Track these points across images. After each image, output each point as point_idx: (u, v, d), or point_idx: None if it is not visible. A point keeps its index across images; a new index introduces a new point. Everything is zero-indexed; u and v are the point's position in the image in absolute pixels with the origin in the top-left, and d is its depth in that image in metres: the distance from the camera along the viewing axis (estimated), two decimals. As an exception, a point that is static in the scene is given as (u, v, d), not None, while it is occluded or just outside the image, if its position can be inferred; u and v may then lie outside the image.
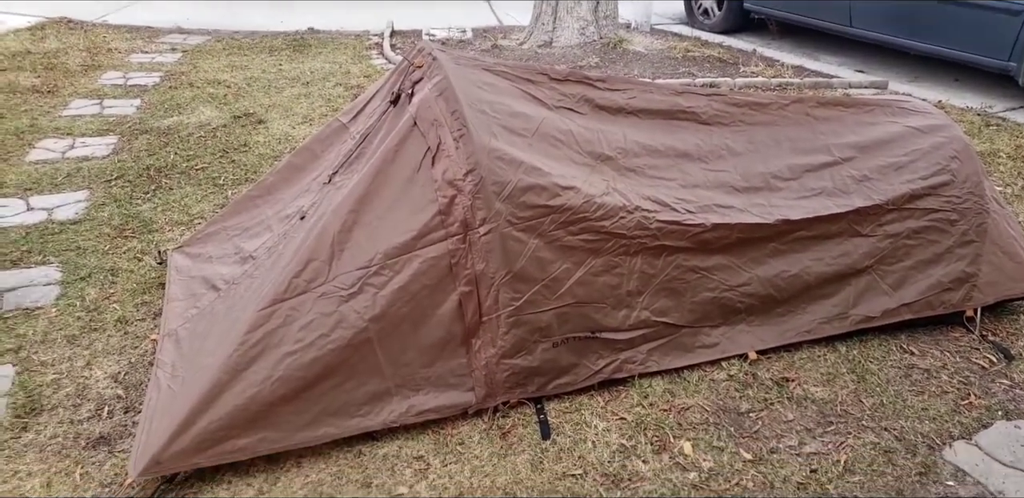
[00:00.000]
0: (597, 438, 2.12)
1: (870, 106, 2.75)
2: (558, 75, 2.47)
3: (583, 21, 6.18)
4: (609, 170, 2.31)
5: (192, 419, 1.90)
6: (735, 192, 2.43)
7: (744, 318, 2.44)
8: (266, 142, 4.20)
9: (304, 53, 6.15)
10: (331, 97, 5.00)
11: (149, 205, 3.45)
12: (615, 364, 2.28)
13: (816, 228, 2.45)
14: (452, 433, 2.13)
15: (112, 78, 5.38)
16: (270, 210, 2.66)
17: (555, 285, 2.16)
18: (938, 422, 2.23)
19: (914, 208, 2.53)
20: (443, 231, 2.10)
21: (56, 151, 4.07)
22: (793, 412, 2.26)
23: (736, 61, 6.07)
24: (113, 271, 2.91)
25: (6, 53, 5.74)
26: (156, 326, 2.56)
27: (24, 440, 2.09)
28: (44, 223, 3.28)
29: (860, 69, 6.15)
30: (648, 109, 2.51)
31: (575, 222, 2.16)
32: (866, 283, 2.53)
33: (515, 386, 2.18)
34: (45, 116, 4.57)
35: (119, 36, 6.52)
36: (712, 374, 2.38)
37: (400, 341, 2.09)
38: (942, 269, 2.56)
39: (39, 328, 2.57)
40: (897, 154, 2.60)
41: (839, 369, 2.44)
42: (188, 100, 4.91)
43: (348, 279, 2.05)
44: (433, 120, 2.16)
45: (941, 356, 2.53)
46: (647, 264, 2.27)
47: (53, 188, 3.62)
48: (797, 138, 2.61)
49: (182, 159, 3.95)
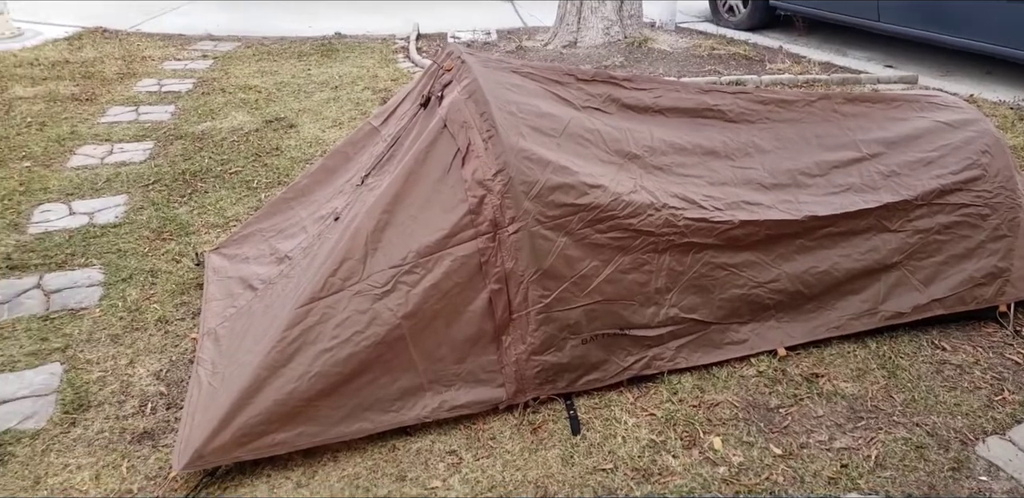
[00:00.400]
0: (627, 433, 2.15)
1: (898, 101, 2.74)
2: (585, 75, 2.50)
3: (608, 21, 6.19)
4: (636, 168, 2.33)
5: (233, 414, 1.96)
6: (763, 189, 2.44)
7: (773, 314, 2.45)
8: (297, 146, 4.28)
9: (332, 58, 6.24)
10: (360, 101, 5.08)
11: (185, 208, 3.53)
12: (644, 361, 2.31)
13: (844, 224, 2.45)
14: (483, 428, 2.17)
15: (147, 85, 5.51)
16: (304, 212, 2.72)
17: (584, 282, 2.19)
18: (971, 418, 2.23)
19: (944, 203, 2.52)
20: (473, 230, 2.14)
21: (96, 157, 4.18)
22: (823, 408, 2.27)
23: (762, 58, 6.05)
24: (153, 272, 2.99)
25: (46, 63, 5.90)
26: (195, 325, 2.63)
27: (73, 435, 2.16)
28: (86, 227, 3.38)
29: (889, 64, 6.09)
30: (675, 107, 2.53)
31: (603, 220, 2.19)
32: (896, 279, 2.52)
33: (545, 382, 2.21)
34: (84, 123, 4.69)
35: (152, 44, 6.66)
36: (741, 370, 2.40)
37: (432, 338, 2.13)
38: (974, 264, 2.55)
39: (84, 328, 2.65)
40: (926, 149, 2.59)
41: (869, 365, 2.44)
42: (220, 105, 5.01)
43: (382, 277, 2.10)
44: (463, 122, 2.21)
45: (974, 352, 2.51)
46: (675, 261, 2.29)
47: (94, 193, 3.72)
48: (824, 134, 2.61)
49: (216, 163, 4.04)
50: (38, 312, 2.75)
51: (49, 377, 2.40)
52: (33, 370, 2.43)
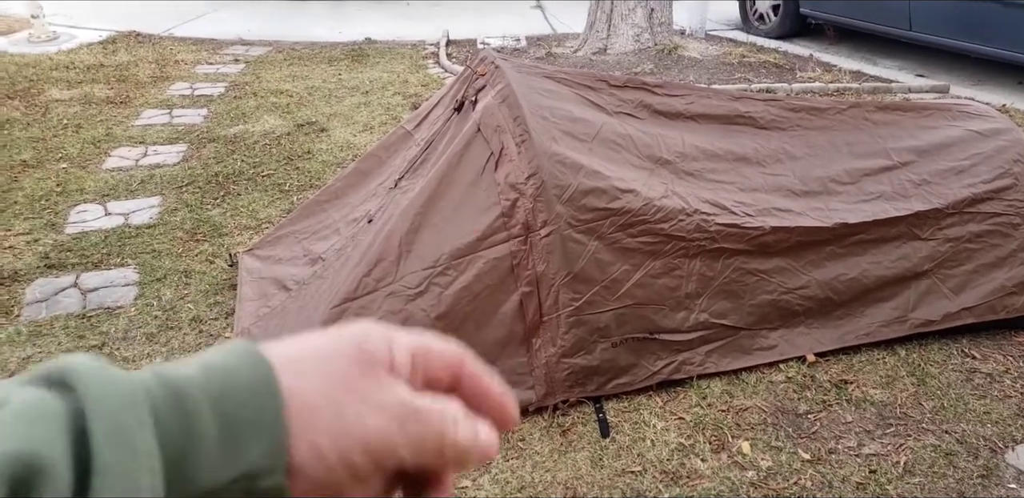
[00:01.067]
0: (656, 437, 2.16)
1: (929, 110, 2.74)
2: (617, 81, 2.52)
3: (638, 28, 6.21)
4: (668, 173, 2.35)
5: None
6: (793, 196, 2.45)
7: (802, 321, 2.45)
8: (328, 149, 4.34)
9: (362, 63, 6.31)
10: (390, 106, 5.13)
11: (219, 210, 3.59)
12: (673, 365, 2.32)
13: (875, 231, 2.46)
14: (513, 430, 2.19)
15: (180, 89, 5.60)
16: (337, 214, 2.76)
17: (614, 286, 2.21)
18: (1000, 426, 2.22)
19: (976, 212, 2.52)
20: (505, 233, 2.17)
21: (130, 159, 4.26)
22: (852, 414, 2.27)
23: (793, 67, 6.04)
24: (187, 273, 3.05)
25: (81, 66, 6.01)
26: (229, 325, 2.68)
27: (110, 430, 2.21)
28: (121, 227, 3.44)
29: (920, 73, 6.06)
30: (706, 114, 2.54)
31: (634, 224, 2.21)
32: (926, 287, 2.52)
33: (574, 385, 2.23)
34: (119, 126, 4.78)
35: (185, 48, 6.77)
36: (770, 376, 2.40)
37: (464, 339, 2.10)
38: (1005, 273, 2.54)
39: (120, 326, 2.71)
40: (958, 158, 2.59)
41: (898, 372, 2.43)
42: (252, 109, 5.08)
43: (415, 279, 2.13)
44: (496, 126, 2.24)
45: (1004, 360, 2.50)
46: (706, 266, 2.31)
47: (129, 194, 3.79)
48: (855, 142, 2.61)
49: (248, 166, 4.11)
50: (75, 310, 2.81)
51: (87, 373, 2.46)
52: (71, 366, 2.49)
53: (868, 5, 6.25)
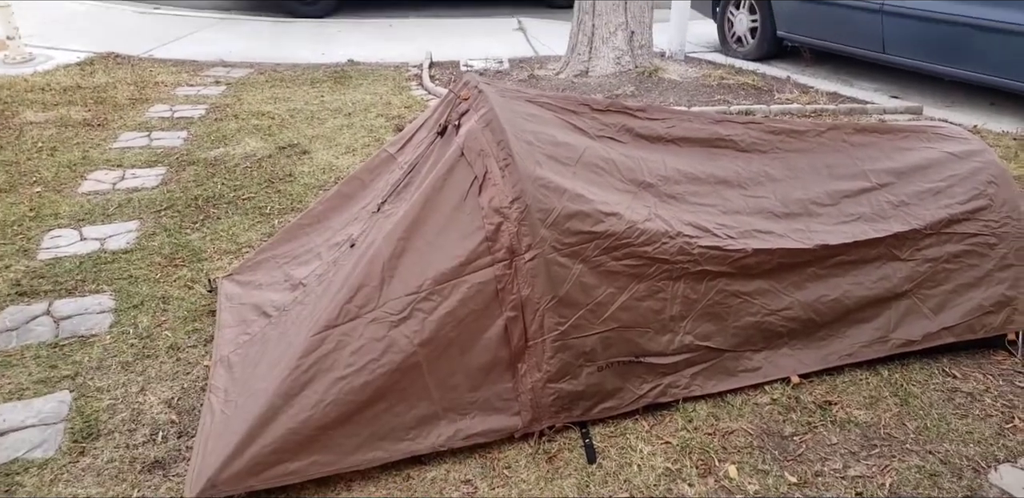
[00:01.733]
0: (643, 462, 2.14)
1: (906, 132, 2.78)
2: (599, 105, 2.54)
3: (618, 51, 6.27)
4: (651, 197, 2.36)
5: (246, 443, 1.96)
6: (775, 218, 2.46)
7: (786, 342, 2.46)
8: (311, 172, 4.32)
9: (345, 85, 6.31)
10: (373, 128, 5.13)
11: (198, 234, 3.56)
12: (659, 388, 2.31)
13: (855, 253, 2.47)
14: (499, 457, 2.17)
15: (159, 111, 5.57)
16: (319, 238, 2.74)
17: (599, 310, 2.20)
18: (983, 445, 2.22)
19: (952, 232, 2.55)
20: (490, 257, 2.16)
21: (107, 182, 4.22)
22: (837, 435, 2.26)
23: (771, 88, 6.12)
24: (165, 299, 3.01)
25: (57, 88, 5.96)
26: (208, 352, 2.63)
27: (82, 464, 2.16)
28: (97, 252, 3.39)
29: (895, 95, 6.16)
30: (687, 137, 2.56)
31: (618, 248, 2.21)
32: (906, 307, 2.54)
33: (561, 410, 2.21)
34: (96, 148, 4.74)
35: (165, 70, 6.74)
36: (755, 398, 2.40)
37: (448, 365, 2.14)
38: (982, 293, 2.56)
39: (94, 355, 2.65)
40: (934, 179, 2.62)
41: (882, 392, 2.44)
42: (233, 131, 5.06)
43: (398, 304, 2.11)
44: (480, 150, 2.24)
45: (984, 379, 2.52)
46: (689, 289, 2.31)
47: (105, 218, 3.75)
48: (835, 164, 2.64)
49: (229, 189, 4.08)
50: (47, 339, 2.75)
51: (58, 405, 2.40)
52: (42, 398, 2.43)
53: (843, 28, 6.36)
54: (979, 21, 5.26)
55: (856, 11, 6.14)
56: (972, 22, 5.31)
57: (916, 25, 5.71)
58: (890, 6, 5.85)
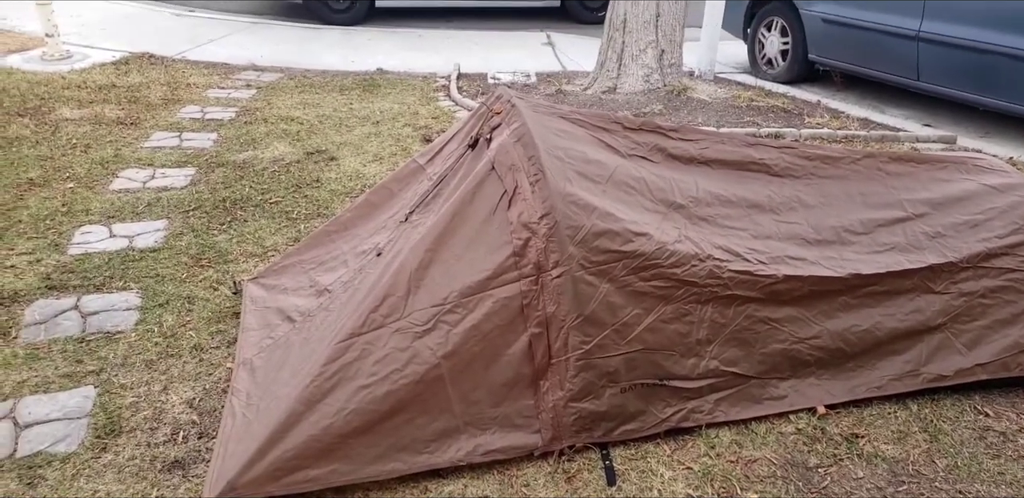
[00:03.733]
0: (663, 487, 2.11)
1: (944, 163, 2.75)
2: (631, 124, 2.53)
3: (648, 68, 6.27)
4: (681, 218, 2.34)
5: (267, 447, 1.95)
6: (807, 244, 2.43)
7: (813, 371, 2.42)
8: (338, 179, 4.33)
9: (373, 93, 6.35)
10: (400, 137, 5.15)
11: (225, 236, 3.57)
12: (682, 413, 2.28)
13: (888, 283, 2.43)
14: (517, 474, 2.14)
15: (191, 112, 5.62)
16: (346, 245, 2.74)
17: (625, 330, 2.18)
18: (1015, 487, 2.17)
19: (990, 267, 2.50)
20: (516, 272, 2.14)
21: (138, 181, 4.25)
22: (863, 470, 2.22)
23: (801, 112, 6.08)
24: (190, 299, 3.01)
25: (93, 86, 6.03)
26: (231, 354, 2.63)
27: (104, 460, 2.16)
28: (125, 250, 3.41)
29: (927, 123, 6.10)
30: (720, 159, 2.54)
31: (647, 268, 2.19)
32: (939, 341, 2.49)
33: (581, 430, 2.19)
34: (128, 147, 4.78)
35: (197, 71, 6.81)
36: (780, 427, 2.36)
37: (471, 379, 2.12)
38: (1019, 330, 2.51)
39: (119, 352, 2.66)
40: (972, 212, 2.58)
41: (910, 427, 2.39)
42: (262, 135, 5.09)
43: (423, 315, 2.10)
44: (511, 165, 2.23)
45: (1017, 419, 2.46)
46: (717, 313, 2.28)
47: (134, 216, 3.77)
48: (869, 193, 2.61)
49: (257, 192, 4.10)
50: (74, 334, 2.77)
51: (82, 400, 2.41)
52: (67, 392, 2.44)
53: (877, 54, 6.32)
54: (1017, 51, 5.21)
55: (891, 37, 6.10)
56: (1010, 52, 5.26)
57: (954, 53, 5.66)
58: (927, 33, 5.81)
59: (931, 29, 5.78)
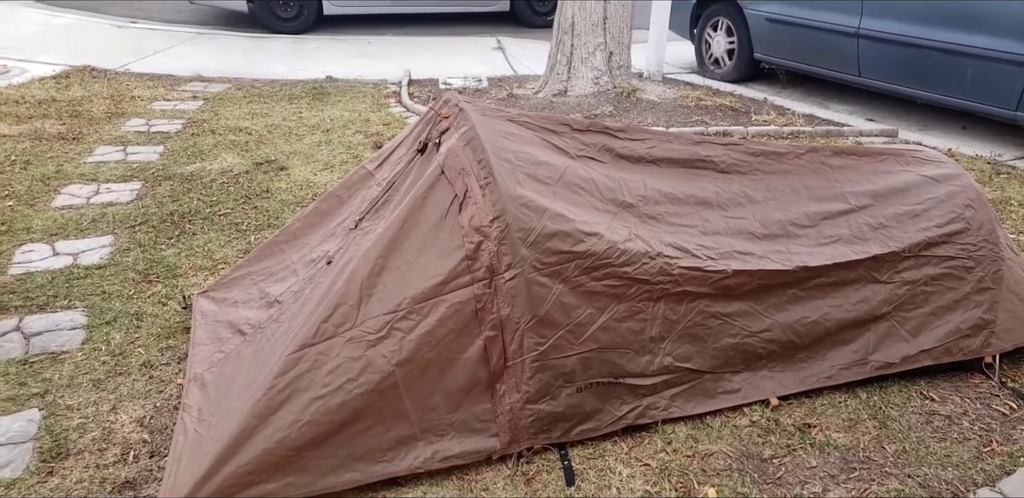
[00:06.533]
0: (622, 484, 2.12)
1: (884, 155, 2.81)
2: (579, 125, 2.54)
3: (597, 71, 6.32)
4: (631, 217, 2.36)
5: (220, 463, 1.91)
6: (755, 239, 2.47)
7: (766, 364, 2.45)
8: (288, 188, 4.28)
9: (323, 101, 6.29)
10: (351, 144, 5.11)
11: (173, 250, 3.50)
12: (638, 410, 2.29)
13: (835, 275, 2.48)
14: (476, 479, 2.13)
15: (135, 125, 5.51)
16: (295, 255, 2.71)
17: (579, 330, 2.18)
18: (961, 469, 2.23)
19: (931, 255, 2.57)
20: (469, 276, 2.14)
21: (81, 197, 4.15)
22: (816, 458, 2.26)
23: (748, 110, 6.18)
24: (138, 316, 2.95)
25: (32, 101, 5.89)
26: (181, 370, 2.58)
27: (50, 485, 2.10)
28: (70, 268, 3.33)
29: (870, 118, 6.25)
30: (667, 158, 2.57)
31: (599, 268, 2.20)
32: (885, 329, 2.55)
33: (539, 432, 2.19)
34: (70, 162, 4.67)
35: (142, 84, 6.68)
36: (735, 420, 2.39)
37: (426, 386, 2.11)
38: (960, 315, 2.58)
39: (65, 372, 2.59)
40: (912, 202, 2.65)
41: (860, 415, 2.44)
42: (210, 147, 5.01)
43: (376, 323, 2.09)
44: (460, 169, 2.23)
45: (961, 402, 2.53)
46: (670, 310, 2.30)
47: (79, 233, 3.68)
48: (814, 186, 2.66)
49: (205, 205, 4.03)
50: (17, 356, 2.68)
51: (27, 424, 2.33)
52: (10, 417, 2.36)
53: (819, 51, 6.46)
54: (952, 46, 5.37)
55: (832, 35, 6.24)
56: (945, 47, 5.41)
57: (891, 49, 5.81)
58: (866, 30, 5.95)
59: (869, 26, 5.93)
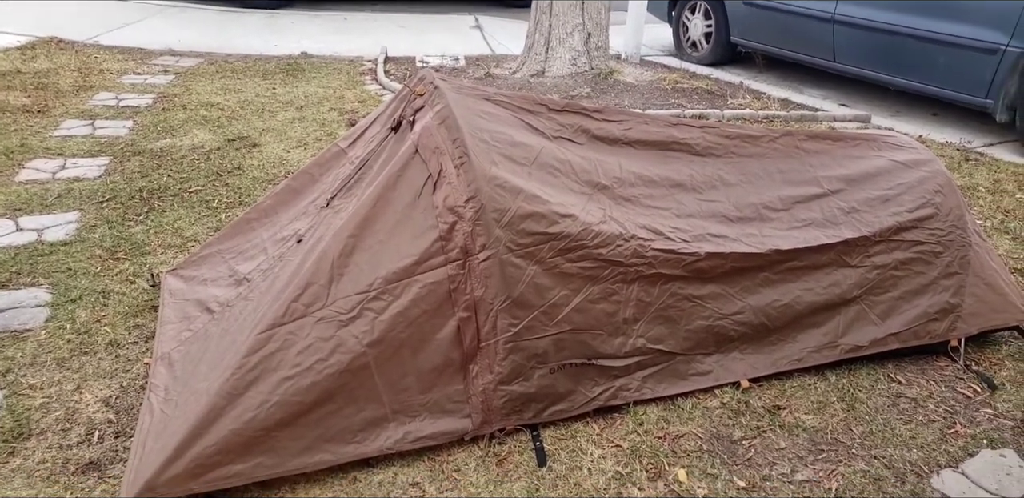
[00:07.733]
0: (593, 465, 2.13)
1: (857, 140, 2.82)
2: (556, 106, 2.52)
3: (575, 52, 6.28)
4: (606, 199, 2.35)
5: (187, 444, 1.89)
6: (728, 222, 2.47)
7: (737, 346, 2.47)
8: (260, 165, 4.22)
9: (298, 77, 6.19)
10: (325, 122, 5.04)
11: (142, 227, 3.44)
12: (611, 391, 2.30)
13: (806, 258, 2.50)
14: (448, 460, 2.13)
15: (104, 99, 5.39)
16: (266, 233, 2.67)
17: (553, 311, 2.18)
18: (925, 450, 2.26)
19: (900, 240, 2.59)
20: (443, 257, 2.12)
21: (47, 171, 4.06)
22: (785, 440, 2.28)
23: (724, 93, 6.19)
24: (105, 293, 2.90)
25: (-5, 72, 5.74)
26: (149, 349, 2.54)
27: (12, 465, 2.06)
28: (34, 244, 3.26)
29: (844, 103, 6.28)
30: (643, 140, 2.56)
31: (573, 249, 2.19)
32: (855, 313, 2.57)
33: (512, 412, 2.19)
34: (35, 136, 4.56)
35: (111, 57, 6.53)
36: (705, 401, 2.41)
37: (398, 366, 2.10)
38: (928, 300, 2.61)
39: (28, 351, 2.54)
40: (884, 187, 2.66)
41: (829, 397, 2.47)
42: (181, 122, 4.92)
43: (347, 304, 2.06)
44: (435, 147, 2.20)
45: (927, 385, 2.57)
46: (643, 292, 2.30)
47: (43, 209, 3.60)
48: (788, 170, 2.66)
49: (175, 181, 3.96)
50: (-21, 333, 2.63)
51: (-11, 403, 2.30)
52: (-29, 396, 2.32)
53: (795, 36, 6.47)
54: (923, 33, 5.40)
55: (809, 20, 6.25)
56: (918, 34, 5.45)
57: (865, 35, 5.84)
58: (841, 16, 5.96)
59: (845, 11, 5.94)
